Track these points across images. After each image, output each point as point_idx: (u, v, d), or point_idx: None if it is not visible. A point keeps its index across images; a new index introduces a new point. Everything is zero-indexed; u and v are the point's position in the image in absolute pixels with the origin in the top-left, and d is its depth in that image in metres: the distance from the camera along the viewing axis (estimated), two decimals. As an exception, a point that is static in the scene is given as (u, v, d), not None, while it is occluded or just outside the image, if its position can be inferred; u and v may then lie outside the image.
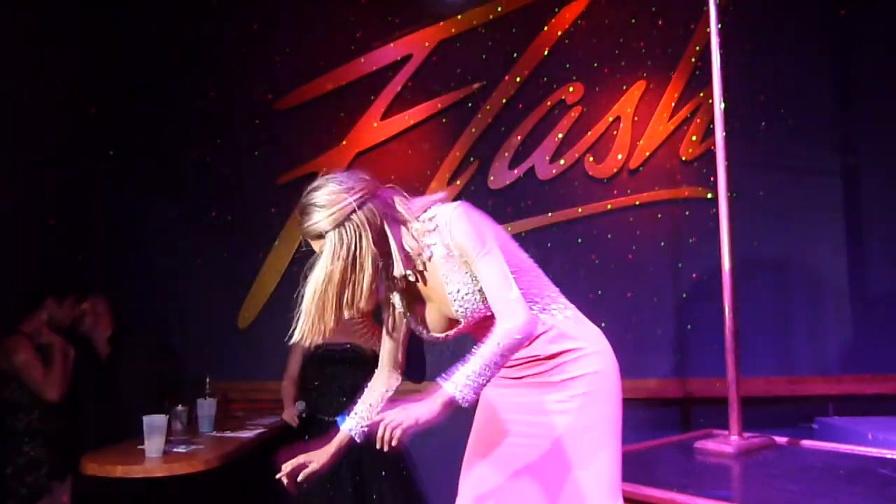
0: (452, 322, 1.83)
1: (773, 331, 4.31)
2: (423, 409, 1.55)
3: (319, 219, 1.65)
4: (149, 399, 3.52)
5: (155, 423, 2.95)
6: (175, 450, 3.06)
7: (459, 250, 1.71)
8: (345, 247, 1.63)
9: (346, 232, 1.64)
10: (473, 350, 1.65)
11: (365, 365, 3.68)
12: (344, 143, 4.39)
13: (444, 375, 1.62)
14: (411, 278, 1.79)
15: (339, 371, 3.65)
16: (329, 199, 1.66)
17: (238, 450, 3.22)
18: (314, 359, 3.67)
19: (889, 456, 2.84)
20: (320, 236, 1.66)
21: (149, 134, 4.43)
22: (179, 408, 3.55)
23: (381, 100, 4.40)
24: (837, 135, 4.38)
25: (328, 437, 3.45)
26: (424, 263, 1.77)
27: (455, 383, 1.57)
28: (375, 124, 4.39)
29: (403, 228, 1.75)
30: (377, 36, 4.43)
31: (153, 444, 2.94)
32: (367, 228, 1.65)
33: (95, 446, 3.26)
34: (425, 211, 1.78)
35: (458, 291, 1.74)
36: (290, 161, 4.38)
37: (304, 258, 4.35)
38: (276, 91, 4.43)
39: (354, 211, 1.65)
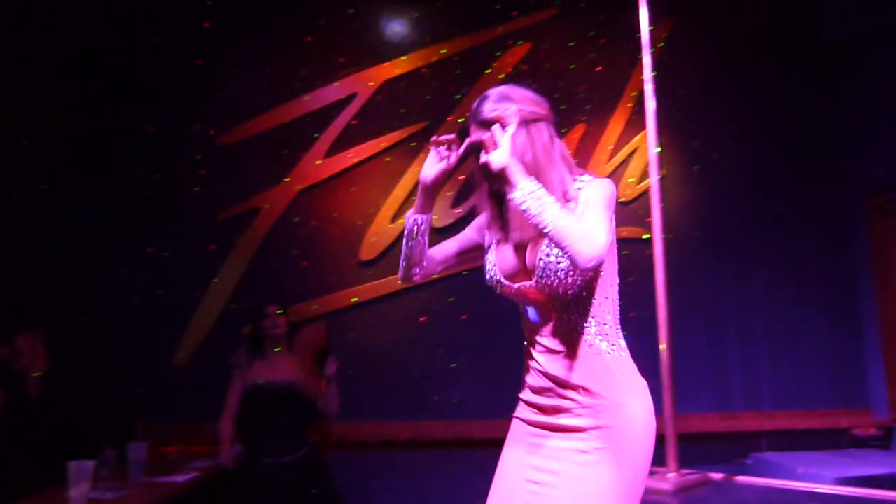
0: (522, 275, 1.74)
1: (708, 368, 4.42)
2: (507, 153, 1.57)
3: (508, 108, 1.67)
4: (77, 442, 3.36)
5: (81, 468, 2.81)
6: (102, 496, 2.92)
7: (582, 200, 1.66)
8: (517, 145, 1.64)
9: (525, 133, 1.67)
10: None
11: (307, 406, 3.62)
12: (287, 179, 4.37)
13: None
14: None
15: (281, 410, 3.55)
16: (525, 97, 1.70)
17: (170, 496, 3.09)
18: (254, 397, 3.56)
19: (818, 490, 2.92)
20: (489, 124, 1.66)
21: (84, 166, 4.32)
22: (109, 452, 3.40)
23: (325, 137, 4.41)
24: (768, 178, 4.58)
25: (265, 483, 3.40)
26: None
27: (529, 184, 1.55)
28: (319, 162, 4.39)
29: (565, 169, 1.72)
30: (322, 74, 4.46)
31: (78, 492, 2.79)
32: (539, 143, 1.68)
33: (17, 493, 3.08)
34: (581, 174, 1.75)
35: (551, 246, 1.64)
36: (232, 197, 4.33)
37: (244, 297, 4.29)
38: (219, 126, 4.39)
39: (541, 120, 1.70)
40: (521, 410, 1.79)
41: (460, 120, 4.46)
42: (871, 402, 4.45)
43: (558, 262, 1.63)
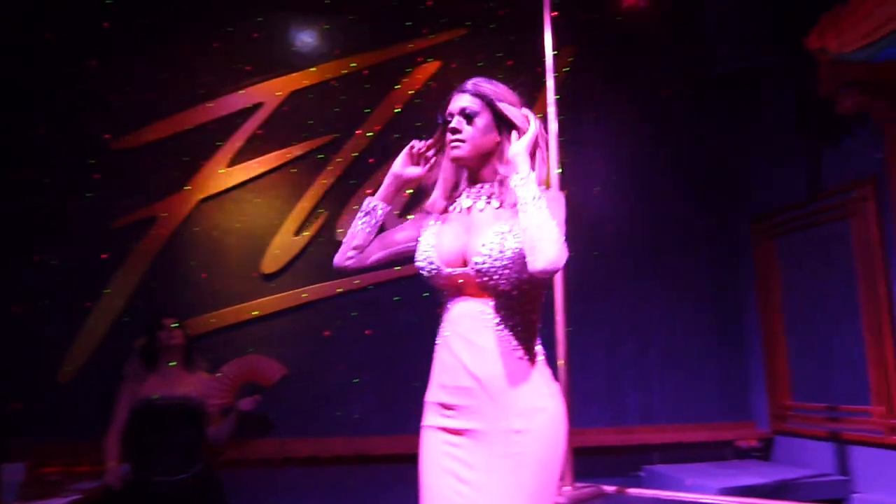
0: (459, 261, 1.74)
1: (605, 383, 4.56)
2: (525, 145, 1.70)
3: (501, 95, 1.80)
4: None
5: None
6: (-29, 523, 2.72)
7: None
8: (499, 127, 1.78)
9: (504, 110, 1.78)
10: None
11: (200, 420, 3.50)
12: (187, 187, 4.23)
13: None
14: (495, 201, 1.79)
15: (175, 426, 3.42)
16: (508, 97, 1.82)
17: (48, 520, 2.92)
18: (146, 412, 3.41)
19: (702, 500, 3.06)
20: (486, 99, 1.78)
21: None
22: (-20, 474, 3.17)
23: (229, 146, 4.30)
24: (664, 201, 4.78)
25: (159, 502, 3.25)
26: (508, 203, 1.75)
27: (534, 175, 1.67)
28: (222, 171, 4.28)
29: (541, 163, 1.77)
30: (228, 82, 4.36)
31: (-56, 518, 2.59)
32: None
33: None
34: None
35: (503, 238, 1.68)
36: (127, 205, 4.16)
37: (137, 310, 4.11)
38: (115, 130, 4.20)
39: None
40: (432, 416, 1.74)
41: (367, 133, 4.45)
42: (753, 415, 4.70)
43: (502, 254, 1.66)
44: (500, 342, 1.68)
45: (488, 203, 1.79)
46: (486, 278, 1.68)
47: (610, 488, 3.32)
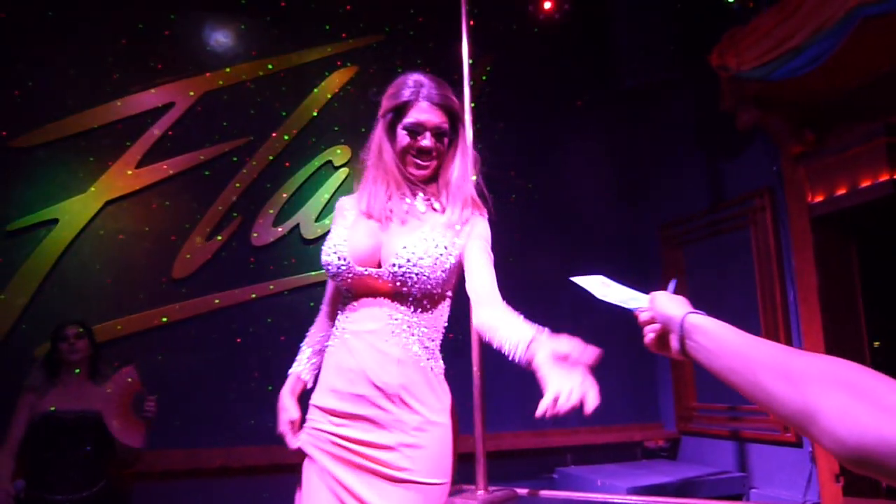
0: (371, 261, 1.69)
1: (519, 388, 4.63)
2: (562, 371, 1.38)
3: (455, 103, 1.77)
4: None
5: None
6: None
7: (476, 238, 1.72)
8: (467, 164, 1.79)
9: (462, 132, 1.81)
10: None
11: (103, 436, 3.35)
12: (92, 189, 4.06)
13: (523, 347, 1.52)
14: (420, 204, 1.77)
15: (73, 442, 3.25)
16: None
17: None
18: (45, 426, 3.22)
19: (611, 500, 3.15)
20: (451, 113, 1.75)
21: None
22: None
23: (138, 147, 4.15)
24: (577, 209, 4.91)
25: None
26: (435, 207, 1.76)
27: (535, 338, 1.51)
28: (130, 172, 4.12)
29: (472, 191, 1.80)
30: (137, 80, 4.20)
31: None
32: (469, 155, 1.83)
33: None
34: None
35: (426, 244, 1.66)
36: (25, 206, 3.94)
37: (37, 316, 3.90)
38: (13, 128, 3.99)
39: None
40: (318, 422, 1.68)
41: (284, 136, 4.39)
42: (661, 417, 4.89)
43: (422, 260, 1.62)
44: (405, 350, 1.63)
45: (412, 203, 1.74)
46: (399, 283, 1.63)
47: (523, 491, 3.36)
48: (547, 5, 4.60)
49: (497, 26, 4.62)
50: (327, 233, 3.34)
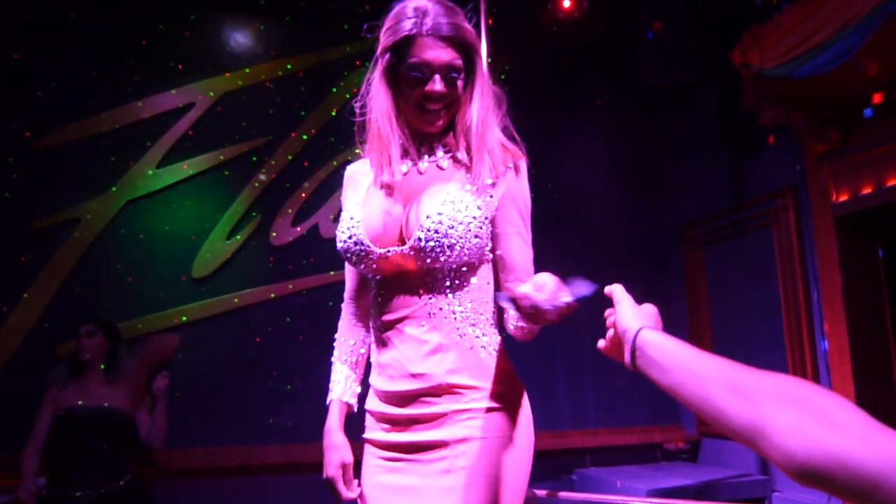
0: (392, 239, 1.43)
1: (539, 389, 4.61)
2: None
3: (469, 32, 1.45)
4: None
5: None
6: None
7: (509, 199, 1.46)
8: (485, 104, 1.47)
9: (483, 86, 1.49)
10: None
11: (124, 432, 3.38)
12: (114, 189, 4.09)
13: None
14: (442, 159, 1.49)
15: (97, 438, 3.28)
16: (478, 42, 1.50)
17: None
18: (67, 423, 3.26)
19: (630, 502, 3.12)
20: (464, 46, 1.43)
21: None
22: None
23: (159, 147, 4.18)
24: (597, 208, 4.88)
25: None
26: (460, 159, 1.47)
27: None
28: (151, 172, 4.15)
29: (499, 132, 1.52)
30: (158, 80, 4.24)
31: None
32: (490, 100, 1.51)
33: None
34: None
35: (454, 207, 1.39)
36: (50, 205, 3.99)
37: (57, 314, 3.94)
38: (38, 128, 4.04)
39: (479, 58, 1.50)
40: (371, 429, 1.50)
41: (303, 136, 4.39)
42: (680, 419, 4.84)
43: (452, 229, 1.36)
44: (447, 334, 1.41)
45: (431, 161, 1.48)
46: (429, 259, 1.38)
47: (542, 492, 3.34)
48: (566, 4, 4.57)
49: (516, 25, 4.60)
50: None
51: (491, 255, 1.48)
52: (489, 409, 1.39)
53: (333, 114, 4.46)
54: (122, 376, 3.46)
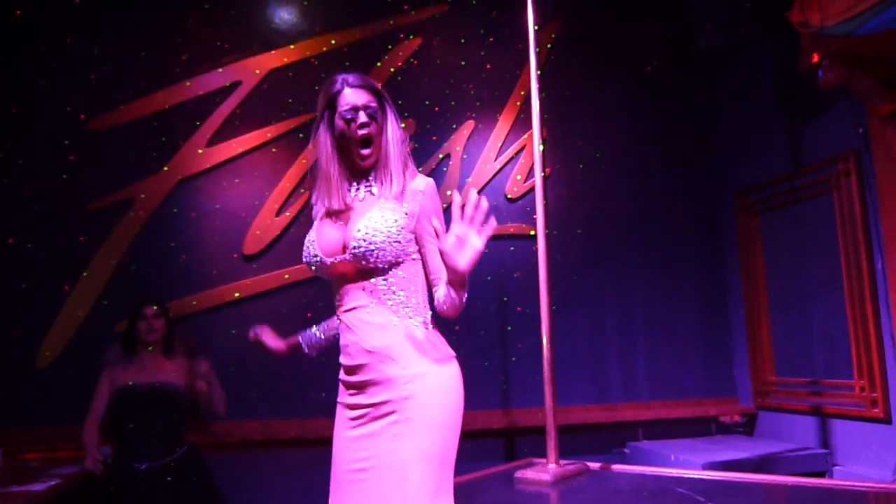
0: (338, 250, 1.89)
1: (590, 362, 4.57)
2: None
3: (377, 85, 1.96)
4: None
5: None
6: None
7: (423, 215, 1.89)
8: (396, 138, 1.92)
9: (393, 121, 1.94)
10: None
11: (179, 406, 3.47)
12: (165, 168, 4.16)
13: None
14: (375, 188, 1.94)
15: (151, 413, 3.39)
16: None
17: (26, 506, 2.87)
18: (123, 399, 3.39)
19: (686, 475, 3.07)
20: (375, 92, 1.92)
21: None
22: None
23: (208, 126, 4.22)
24: (647, 177, 4.77)
25: (137, 488, 3.22)
26: (387, 191, 1.92)
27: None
28: (200, 151, 4.21)
29: (409, 160, 1.97)
30: (205, 60, 4.27)
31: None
32: (397, 134, 1.94)
33: None
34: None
35: (375, 222, 1.84)
36: (104, 186, 4.08)
37: (116, 292, 4.03)
38: (91, 110, 4.12)
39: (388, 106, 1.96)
40: (342, 395, 1.91)
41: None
42: (737, 391, 4.74)
43: (375, 237, 1.82)
44: (386, 317, 1.84)
45: (368, 191, 1.94)
46: (362, 262, 1.84)
47: (595, 465, 3.32)
48: (614, -33, 4.44)
49: (562, -9, 4.49)
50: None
51: (415, 255, 1.90)
52: (425, 373, 1.80)
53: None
54: (176, 353, 3.57)
